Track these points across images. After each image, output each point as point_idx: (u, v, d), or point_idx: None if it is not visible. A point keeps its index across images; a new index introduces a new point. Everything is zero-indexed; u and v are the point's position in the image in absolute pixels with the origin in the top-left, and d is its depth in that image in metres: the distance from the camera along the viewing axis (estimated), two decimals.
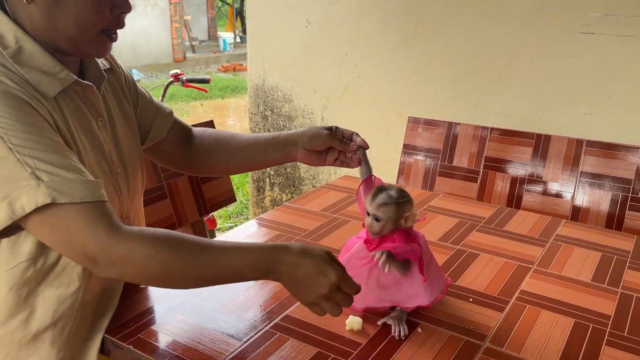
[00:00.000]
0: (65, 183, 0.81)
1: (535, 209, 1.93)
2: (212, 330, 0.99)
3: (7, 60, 0.86)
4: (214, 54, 11.75)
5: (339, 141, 1.12)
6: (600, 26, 2.01)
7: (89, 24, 0.89)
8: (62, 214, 0.81)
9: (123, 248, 0.83)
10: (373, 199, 1.00)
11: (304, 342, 0.96)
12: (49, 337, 0.95)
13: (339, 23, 2.58)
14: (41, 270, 0.92)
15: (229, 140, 1.22)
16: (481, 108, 2.32)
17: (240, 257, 0.87)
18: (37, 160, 0.80)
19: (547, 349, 0.96)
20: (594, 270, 1.23)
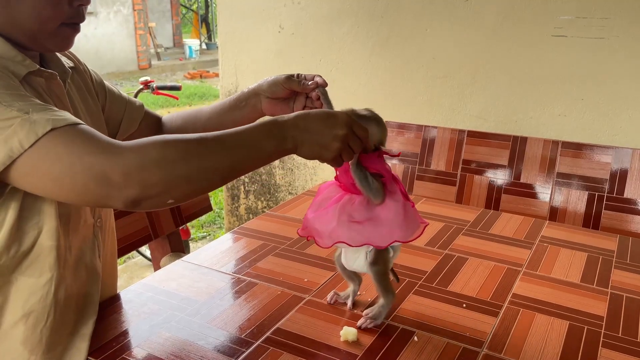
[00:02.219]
0: (53, 113, 0.76)
1: (514, 211, 1.94)
2: (201, 347, 0.94)
3: None
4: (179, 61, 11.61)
5: (297, 83, 1.07)
6: (572, 29, 2.04)
7: (47, 17, 0.86)
8: (61, 139, 0.75)
9: (134, 153, 0.75)
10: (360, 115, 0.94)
11: (299, 355, 0.92)
12: (20, 334, 0.89)
13: (312, 28, 2.56)
14: (14, 257, 0.87)
15: (195, 115, 1.20)
16: (457, 111, 2.33)
17: (252, 131, 0.82)
18: (20, 102, 0.76)
19: (545, 353, 0.94)
20: (582, 271, 1.24)
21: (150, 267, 2.98)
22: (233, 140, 0.81)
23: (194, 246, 3.36)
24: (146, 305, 1.07)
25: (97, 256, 1.00)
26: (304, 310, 1.05)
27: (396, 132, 2.19)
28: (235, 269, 1.22)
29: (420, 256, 1.29)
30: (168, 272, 1.20)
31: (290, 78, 1.08)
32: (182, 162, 0.77)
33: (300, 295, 1.11)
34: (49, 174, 0.76)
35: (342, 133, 0.84)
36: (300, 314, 1.04)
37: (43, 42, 0.89)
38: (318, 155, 0.86)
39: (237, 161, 0.82)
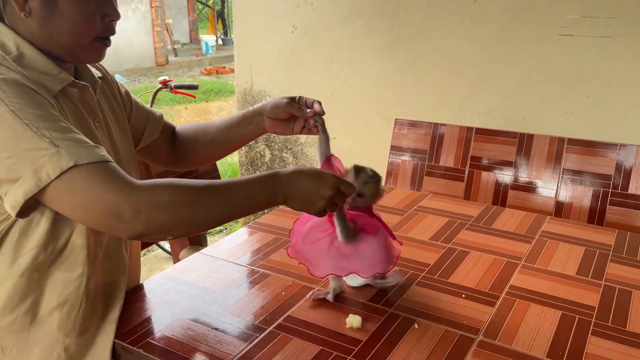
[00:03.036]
0: (81, 147, 0.86)
1: (520, 206, 1.99)
2: (218, 333, 1.03)
3: (10, 63, 0.92)
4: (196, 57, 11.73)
5: (296, 108, 1.16)
6: (578, 28, 2.08)
7: (81, 32, 0.95)
8: (83, 175, 0.85)
9: (147, 194, 0.87)
10: (357, 177, 1.06)
11: (307, 341, 1.01)
12: (56, 321, 0.99)
13: (324, 28, 2.63)
14: (51, 254, 0.97)
15: (205, 127, 1.30)
16: (466, 109, 2.38)
17: (249, 184, 0.95)
18: (51, 131, 0.85)
19: (537, 339, 1.01)
20: (578, 264, 1.30)
21: (169, 259, 3.08)
22: (233, 193, 0.94)
23: (211, 239, 3.46)
24: (168, 294, 1.16)
25: (124, 249, 1.09)
26: (311, 300, 1.13)
27: (407, 129, 2.25)
28: (250, 261, 1.30)
29: (424, 250, 1.36)
30: (188, 264, 1.29)
31: (291, 103, 1.17)
32: (188, 208, 0.89)
33: (309, 285, 1.19)
34: (69, 203, 0.87)
35: (328, 195, 0.96)
36: (307, 302, 1.13)
37: (78, 55, 0.99)
38: (305, 209, 0.99)
39: (234, 211, 0.95)
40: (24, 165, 0.84)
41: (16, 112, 0.84)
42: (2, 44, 0.93)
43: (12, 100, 0.84)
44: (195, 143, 1.30)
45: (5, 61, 0.91)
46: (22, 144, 0.83)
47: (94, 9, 0.95)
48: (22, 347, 0.99)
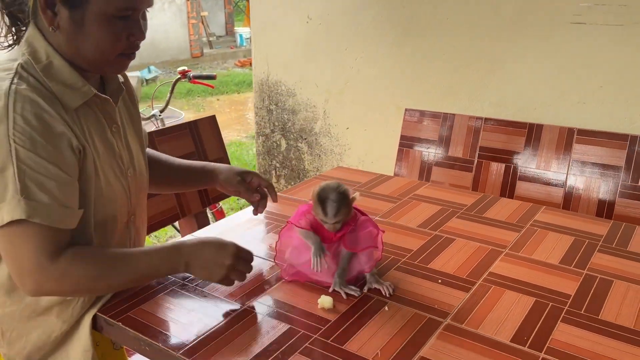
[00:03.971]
0: (42, 207, 0.92)
1: (528, 198, 1.98)
2: (196, 311, 1.07)
3: (38, 73, 0.97)
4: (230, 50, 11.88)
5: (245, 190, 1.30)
6: (591, 16, 2.04)
7: (107, 50, 1.00)
8: (23, 230, 0.92)
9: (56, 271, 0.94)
10: (325, 212, 1.08)
11: (278, 319, 1.04)
12: (56, 311, 1.06)
13: (338, 18, 2.65)
14: None
15: (163, 163, 1.36)
16: (476, 99, 2.36)
17: (150, 259, 1.04)
18: (29, 180, 0.90)
19: (504, 325, 1.02)
20: (564, 254, 1.29)
21: None
22: (138, 265, 1.03)
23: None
24: None
25: (130, 245, 1.17)
26: (290, 282, 1.17)
27: (416, 119, 2.25)
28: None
29: (409, 236, 1.38)
30: None
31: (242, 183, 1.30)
32: (91, 282, 0.99)
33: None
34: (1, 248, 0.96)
35: (228, 263, 1.05)
36: (285, 284, 1.16)
37: (102, 69, 1.05)
38: (207, 277, 1.08)
39: (136, 280, 1.06)
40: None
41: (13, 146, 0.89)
42: (34, 50, 0.98)
43: (19, 133, 0.90)
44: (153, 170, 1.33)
45: (34, 71, 0.96)
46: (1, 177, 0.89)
47: (120, 30, 0.99)
48: (22, 332, 1.07)
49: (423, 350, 0.95)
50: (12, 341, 1.07)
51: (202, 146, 2.08)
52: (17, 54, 0.98)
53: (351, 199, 1.11)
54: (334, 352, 0.94)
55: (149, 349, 1.00)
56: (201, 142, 2.10)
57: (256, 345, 0.97)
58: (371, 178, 1.82)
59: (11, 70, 0.94)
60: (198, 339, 0.99)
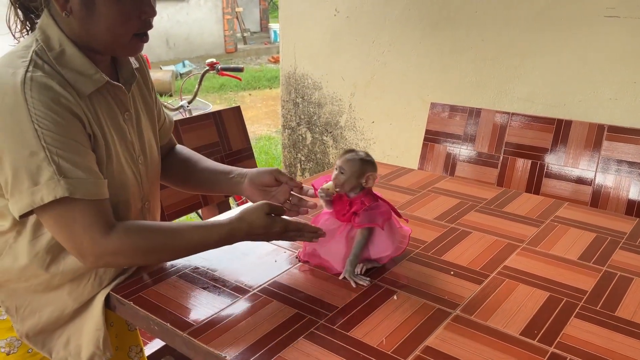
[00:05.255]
0: (81, 182, 0.94)
1: (554, 195, 1.93)
2: (207, 293, 1.09)
3: (51, 61, 0.99)
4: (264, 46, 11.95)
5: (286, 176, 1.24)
6: (625, 9, 1.97)
7: (120, 31, 1.01)
8: (70, 208, 0.95)
9: (113, 244, 0.98)
10: (343, 155, 1.13)
11: (285, 304, 1.04)
12: (67, 289, 1.09)
13: (365, 11, 2.63)
14: None
15: (194, 162, 1.35)
16: (505, 94, 2.32)
17: (205, 233, 1.06)
18: (62, 159, 0.93)
19: (515, 318, 1.00)
20: (584, 250, 1.25)
21: None
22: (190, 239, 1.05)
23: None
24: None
25: None
26: (301, 267, 1.17)
27: (442, 113, 2.21)
28: None
29: (426, 228, 1.36)
30: None
31: (280, 170, 1.25)
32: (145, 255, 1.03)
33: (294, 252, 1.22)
34: (51, 227, 0.99)
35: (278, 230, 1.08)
36: (296, 270, 1.16)
37: (116, 51, 1.06)
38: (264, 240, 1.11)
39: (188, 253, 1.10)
40: (25, 183, 0.93)
41: (39, 131, 0.92)
42: (47, 38, 1.00)
43: (39, 117, 0.92)
44: (180, 169, 1.35)
45: (47, 58, 0.99)
46: (32, 162, 0.92)
47: (130, 8, 1.00)
48: (35, 307, 1.10)
49: (429, 339, 0.94)
50: (26, 317, 1.10)
51: (226, 136, 2.09)
52: (31, 41, 1.00)
53: (370, 168, 1.12)
54: (339, 338, 0.94)
55: (157, 329, 1.01)
56: (225, 132, 2.12)
57: (262, 328, 0.97)
58: (392, 170, 1.81)
59: (26, 58, 0.97)
60: (205, 320, 1.00)
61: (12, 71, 0.94)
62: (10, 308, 1.10)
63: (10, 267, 1.07)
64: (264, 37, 13.04)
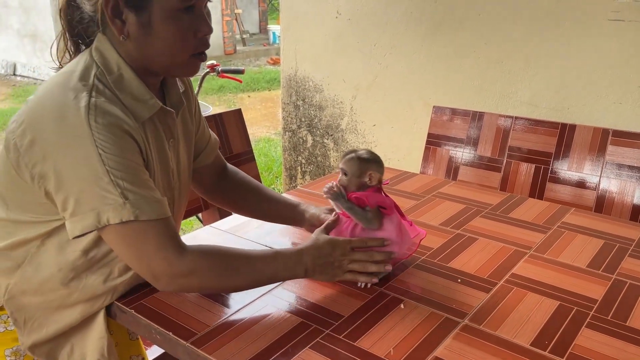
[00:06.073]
0: (145, 202, 0.93)
1: (558, 200, 1.91)
2: (209, 301, 1.06)
3: (111, 85, 0.98)
4: (264, 47, 11.93)
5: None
6: (630, 13, 1.96)
7: (178, 51, 1.00)
8: (138, 230, 0.93)
9: (187, 265, 0.96)
10: (344, 156, 1.11)
11: (290, 312, 1.02)
12: (80, 308, 1.07)
13: (367, 14, 2.61)
14: (90, 260, 1.04)
15: (255, 189, 1.34)
16: (508, 97, 2.30)
17: (276, 264, 1.04)
18: (126, 182, 0.92)
19: (525, 328, 0.98)
20: (592, 257, 1.23)
21: None
22: (264, 268, 1.03)
23: None
24: None
25: None
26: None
27: (444, 116, 2.20)
28: (254, 237, 1.33)
29: (431, 234, 1.34)
30: (194, 237, 1.34)
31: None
32: (218, 280, 1.01)
33: None
34: (119, 249, 0.96)
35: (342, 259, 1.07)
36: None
37: (174, 71, 1.05)
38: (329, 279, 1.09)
39: (258, 282, 1.05)
40: (90, 204, 0.91)
41: (103, 155, 0.90)
42: (106, 61, 0.99)
43: (102, 142, 0.90)
44: (243, 194, 1.33)
45: (107, 82, 0.97)
46: (97, 186, 0.90)
47: (186, 26, 0.98)
48: (43, 322, 1.08)
49: (438, 350, 0.92)
50: (33, 330, 1.08)
51: (227, 139, 2.08)
52: (88, 62, 0.98)
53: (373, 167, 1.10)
54: (346, 348, 0.92)
55: (159, 338, 0.99)
56: (226, 135, 2.10)
57: (266, 338, 0.95)
58: (395, 175, 1.79)
59: (87, 81, 0.95)
60: (208, 329, 0.97)
61: (73, 94, 0.92)
62: (19, 320, 1.08)
63: (30, 277, 1.05)
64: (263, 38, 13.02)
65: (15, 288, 1.06)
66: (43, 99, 0.95)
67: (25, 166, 0.95)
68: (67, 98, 0.92)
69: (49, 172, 0.92)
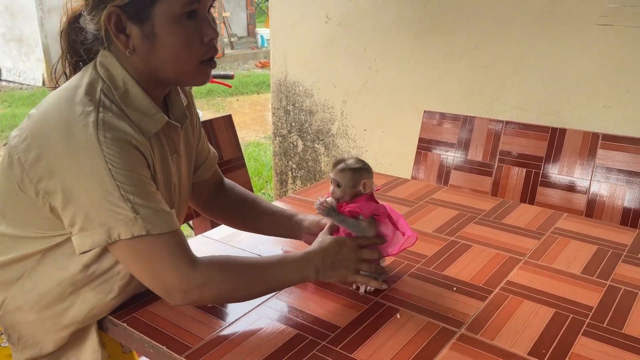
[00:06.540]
0: (156, 216, 0.91)
1: (549, 204, 1.92)
2: (203, 314, 1.05)
3: (117, 100, 0.96)
4: (252, 50, 11.90)
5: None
6: (618, 17, 1.97)
7: (185, 59, 0.97)
8: (150, 244, 0.91)
9: (200, 277, 0.94)
10: (334, 167, 1.10)
11: (286, 324, 1.01)
12: (73, 329, 1.05)
13: (357, 18, 2.61)
14: (90, 275, 1.01)
15: (252, 202, 1.32)
16: (498, 102, 2.31)
17: (286, 270, 1.03)
18: (136, 197, 0.90)
19: (522, 336, 0.97)
20: (586, 263, 1.24)
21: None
22: (274, 275, 1.02)
23: None
24: None
25: None
26: (301, 285, 1.14)
27: (435, 121, 2.20)
28: (247, 246, 1.32)
29: (425, 242, 1.33)
30: None
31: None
32: (233, 290, 0.99)
33: None
34: (130, 263, 0.94)
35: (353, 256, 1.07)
36: (298, 288, 1.13)
37: (185, 81, 1.03)
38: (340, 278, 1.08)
39: (270, 289, 1.05)
40: (100, 220, 0.89)
41: (112, 170, 0.88)
42: (111, 76, 0.97)
43: (111, 156, 0.89)
44: (239, 207, 1.31)
45: (114, 98, 0.95)
46: (106, 201, 0.89)
47: (191, 32, 0.95)
48: (38, 340, 1.06)
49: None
50: (27, 347, 1.06)
51: (217, 145, 2.06)
52: (92, 77, 0.97)
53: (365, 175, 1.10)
54: None
55: (153, 352, 0.97)
56: (217, 141, 2.08)
57: (262, 350, 0.94)
58: (387, 181, 1.78)
59: (93, 96, 0.93)
60: (203, 342, 0.96)
61: (80, 109, 0.90)
62: (13, 337, 1.06)
63: (28, 291, 1.02)
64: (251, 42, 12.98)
65: (11, 303, 1.03)
66: (48, 114, 0.93)
67: (30, 181, 0.93)
68: (74, 113, 0.90)
69: (56, 187, 0.90)
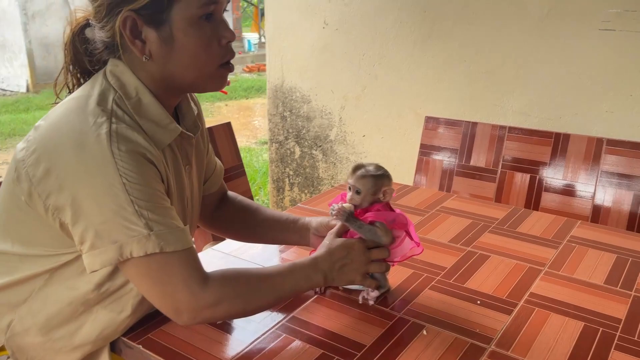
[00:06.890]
0: (170, 233, 0.87)
1: (554, 210, 1.90)
2: (221, 333, 1.01)
3: (130, 111, 0.92)
4: (239, 55, 11.84)
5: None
6: (620, 22, 1.97)
7: (204, 62, 0.94)
8: (163, 262, 0.87)
9: (212, 295, 0.90)
10: (354, 173, 1.07)
11: (309, 343, 0.97)
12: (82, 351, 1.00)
13: (356, 23, 2.58)
14: (103, 294, 0.97)
15: (254, 211, 1.28)
16: (499, 107, 2.29)
17: (294, 278, 1.00)
18: (150, 212, 0.86)
19: (554, 352, 0.95)
20: (608, 273, 1.22)
21: None
22: (283, 285, 0.99)
23: None
24: None
25: None
26: (319, 300, 1.10)
27: (437, 127, 2.18)
28: (259, 259, 1.28)
29: (442, 252, 1.30)
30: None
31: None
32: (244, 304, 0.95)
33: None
34: (141, 282, 0.90)
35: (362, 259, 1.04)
36: (316, 303, 1.09)
37: (204, 86, 0.98)
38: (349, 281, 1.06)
39: (281, 299, 1.03)
40: (111, 237, 0.85)
41: (127, 185, 0.84)
42: (123, 85, 0.93)
43: (126, 170, 0.85)
44: (241, 218, 1.27)
45: (126, 108, 0.91)
46: (120, 216, 0.84)
47: (209, 34, 0.93)
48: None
49: None
50: None
51: (218, 154, 2.02)
52: (104, 87, 0.92)
53: (386, 182, 1.07)
54: None
55: None
56: (216, 149, 2.05)
57: None
58: None
59: (105, 107, 0.89)
60: None
61: (92, 120, 0.86)
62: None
63: (37, 312, 0.97)
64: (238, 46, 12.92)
65: (18, 325, 0.98)
66: (58, 125, 0.88)
67: (39, 197, 0.88)
68: (85, 124, 0.86)
69: (65, 202, 0.86)
